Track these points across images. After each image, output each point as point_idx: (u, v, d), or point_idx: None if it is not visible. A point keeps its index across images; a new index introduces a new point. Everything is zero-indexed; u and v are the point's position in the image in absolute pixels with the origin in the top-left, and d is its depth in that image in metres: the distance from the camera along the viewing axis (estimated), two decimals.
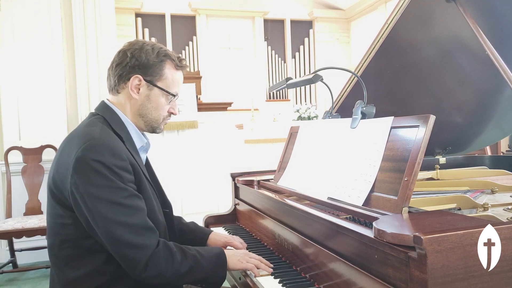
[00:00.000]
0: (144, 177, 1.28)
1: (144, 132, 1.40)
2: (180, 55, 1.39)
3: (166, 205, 1.45)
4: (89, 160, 1.12)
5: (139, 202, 1.19)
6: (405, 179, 1.04)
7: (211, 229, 1.96)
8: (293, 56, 9.66)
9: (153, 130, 1.38)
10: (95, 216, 1.12)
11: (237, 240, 1.57)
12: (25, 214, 3.46)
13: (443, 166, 1.99)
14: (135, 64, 1.28)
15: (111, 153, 1.15)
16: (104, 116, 1.29)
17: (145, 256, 1.13)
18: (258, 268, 1.30)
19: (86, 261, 1.20)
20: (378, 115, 1.30)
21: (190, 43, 8.90)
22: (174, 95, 1.35)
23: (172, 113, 1.39)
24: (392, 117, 1.20)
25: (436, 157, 2.08)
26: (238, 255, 1.32)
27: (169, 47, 8.58)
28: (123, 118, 1.31)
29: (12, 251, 3.43)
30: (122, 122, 1.31)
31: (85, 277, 1.19)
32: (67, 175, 1.15)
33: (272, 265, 1.33)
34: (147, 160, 1.45)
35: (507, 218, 1.08)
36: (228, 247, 1.56)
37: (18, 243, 3.48)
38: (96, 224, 1.13)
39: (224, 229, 1.96)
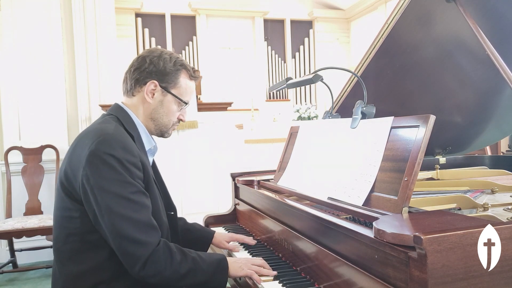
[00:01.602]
0: (151, 178, 1.31)
1: (153, 137, 1.44)
2: (194, 67, 1.45)
3: (170, 207, 1.48)
4: (102, 153, 1.16)
5: (145, 199, 1.21)
6: (405, 179, 1.04)
7: (212, 229, 1.98)
8: (293, 56, 9.65)
9: (162, 134, 1.44)
10: (102, 209, 1.14)
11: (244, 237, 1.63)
12: (25, 214, 3.46)
13: (443, 166, 1.99)
14: (153, 70, 1.34)
15: (124, 148, 1.19)
16: (118, 116, 1.34)
17: (145, 253, 1.15)
18: (260, 274, 1.28)
19: (89, 256, 1.21)
20: (378, 115, 1.30)
21: (190, 43, 8.90)
22: (186, 103, 1.41)
23: (181, 120, 1.45)
24: (392, 117, 1.20)
25: (436, 157, 2.08)
26: (240, 262, 1.31)
27: (169, 47, 8.60)
28: (135, 119, 1.37)
29: (12, 251, 3.44)
30: (133, 123, 1.36)
31: (87, 273, 1.21)
32: (79, 168, 1.18)
33: (275, 273, 1.29)
34: (154, 163, 1.49)
35: (507, 218, 1.08)
36: (231, 242, 1.63)
37: (18, 243, 3.48)
38: (102, 217, 1.15)
39: (224, 229, 1.96)
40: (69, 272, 1.23)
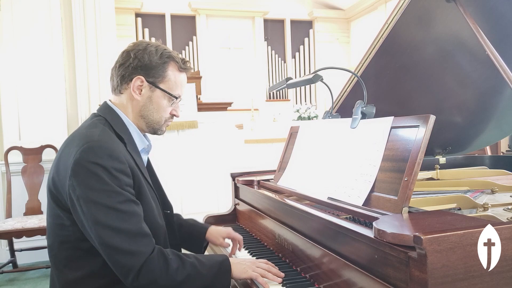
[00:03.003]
0: (145, 180, 1.27)
1: (146, 134, 1.40)
2: (184, 57, 1.39)
3: (166, 206, 1.45)
4: (87, 163, 1.11)
5: (135, 207, 1.16)
6: (405, 179, 1.04)
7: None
8: (293, 56, 9.65)
9: (155, 132, 1.37)
10: (89, 220, 1.10)
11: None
12: (25, 214, 3.46)
13: (443, 166, 1.99)
14: (138, 65, 1.28)
15: (110, 156, 1.14)
16: (106, 117, 1.28)
17: (137, 263, 1.10)
18: (266, 278, 1.21)
19: (85, 263, 1.19)
20: (378, 115, 1.30)
21: (190, 43, 8.90)
22: (176, 97, 1.34)
23: (175, 115, 1.38)
24: (392, 117, 1.20)
25: (436, 157, 2.08)
26: (244, 264, 1.25)
27: (169, 47, 8.58)
28: (124, 119, 1.31)
29: (12, 251, 3.44)
30: (124, 124, 1.30)
31: (84, 279, 1.19)
32: (66, 177, 1.14)
33: (283, 274, 1.24)
34: (148, 161, 1.45)
35: (507, 218, 1.08)
36: (227, 240, 1.59)
37: (18, 243, 3.48)
38: (90, 228, 1.11)
39: None
40: (66, 278, 1.20)
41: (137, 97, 1.30)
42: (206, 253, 1.74)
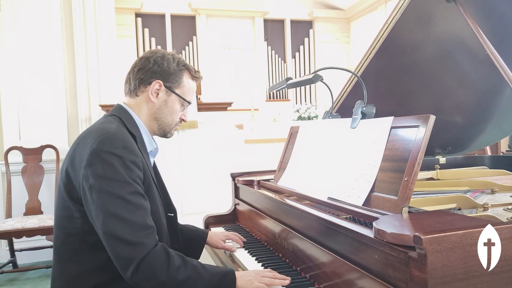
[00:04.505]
0: (152, 180, 1.30)
1: (154, 138, 1.45)
2: (195, 67, 1.48)
3: (171, 209, 1.47)
4: (103, 152, 1.15)
5: (143, 201, 1.18)
6: (405, 179, 1.04)
7: (211, 229, 1.99)
8: (293, 56, 9.65)
9: (164, 135, 1.45)
10: (97, 208, 1.12)
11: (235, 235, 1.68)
12: (25, 214, 3.46)
13: (443, 166, 1.99)
14: (157, 70, 1.37)
15: (125, 147, 1.19)
16: (120, 116, 1.34)
17: (139, 254, 1.10)
18: (273, 285, 1.20)
19: (89, 257, 1.20)
20: (378, 115, 1.30)
21: (190, 43, 8.90)
22: (189, 103, 1.44)
23: (183, 120, 1.47)
24: (392, 117, 1.20)
25: (436, 157, 2.08)
26: (249, 275, 1.23)
27: (169, 47, 8.61)
28: (137, 121, 1.37)
29: (12, 251, 3.44)
30: (136, 124, 1.36)
31: (86, 274, 1.20)
32: (81, 167, 1.17)
33: (289, 278, 1.22)
34: (154, 164, 1.49)
35: (507, 218, 1.08)
36: (227, 241, 1.65)
37: (18, 243, 3.49)
38: (97, 216, 1.13)
39: (224, 229, 1.96)
40: (68, 272, 1.22)
41: (154, 100, 1.37)
42: (206, 254, 1.75)
